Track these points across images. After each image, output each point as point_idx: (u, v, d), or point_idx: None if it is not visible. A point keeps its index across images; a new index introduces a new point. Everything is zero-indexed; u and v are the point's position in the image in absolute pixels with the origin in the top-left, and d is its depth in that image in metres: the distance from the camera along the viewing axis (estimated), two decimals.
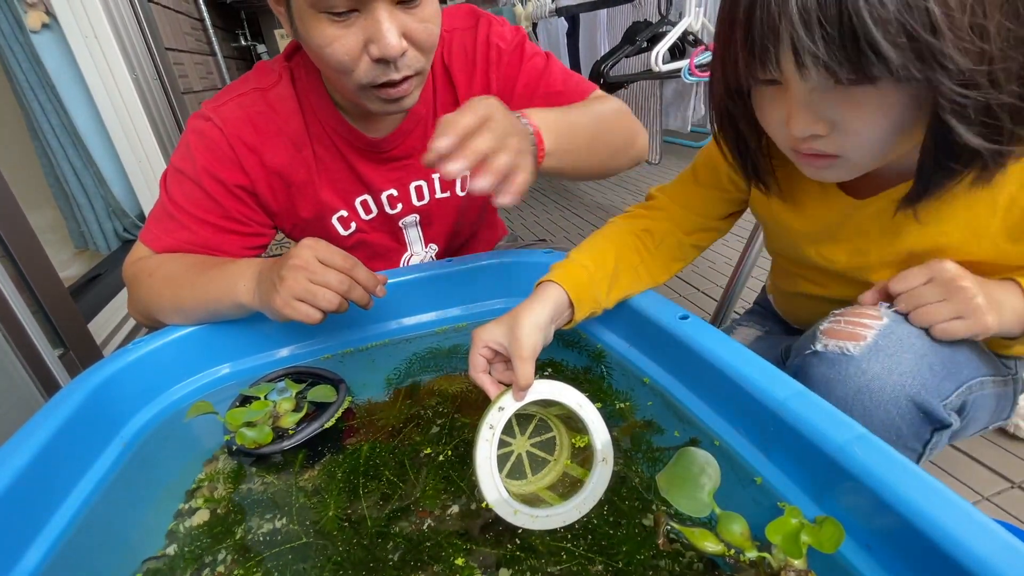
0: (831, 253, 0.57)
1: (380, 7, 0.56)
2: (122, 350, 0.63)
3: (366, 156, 0.76)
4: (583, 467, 0.49)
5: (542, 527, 0.44)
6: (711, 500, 0.40)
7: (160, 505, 0.54)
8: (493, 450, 0.46)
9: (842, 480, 0.39)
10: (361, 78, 0.60)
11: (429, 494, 0.51)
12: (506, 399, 0.49)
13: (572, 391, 0.50)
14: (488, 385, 0.52)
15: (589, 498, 0.46)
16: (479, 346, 0.52)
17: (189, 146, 0.69)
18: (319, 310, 0.57)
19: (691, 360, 0.54)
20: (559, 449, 0.52)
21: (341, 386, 0.64)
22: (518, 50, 0.77)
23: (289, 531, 0.49)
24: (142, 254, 0.69)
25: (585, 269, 0.59)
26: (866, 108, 0.40)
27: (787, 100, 0.43)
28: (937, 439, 0.51)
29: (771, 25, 0.38)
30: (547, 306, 0.54)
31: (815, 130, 0.43)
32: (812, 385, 0.50)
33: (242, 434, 0.55)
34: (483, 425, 0.47)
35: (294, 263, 0.57)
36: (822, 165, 0.47)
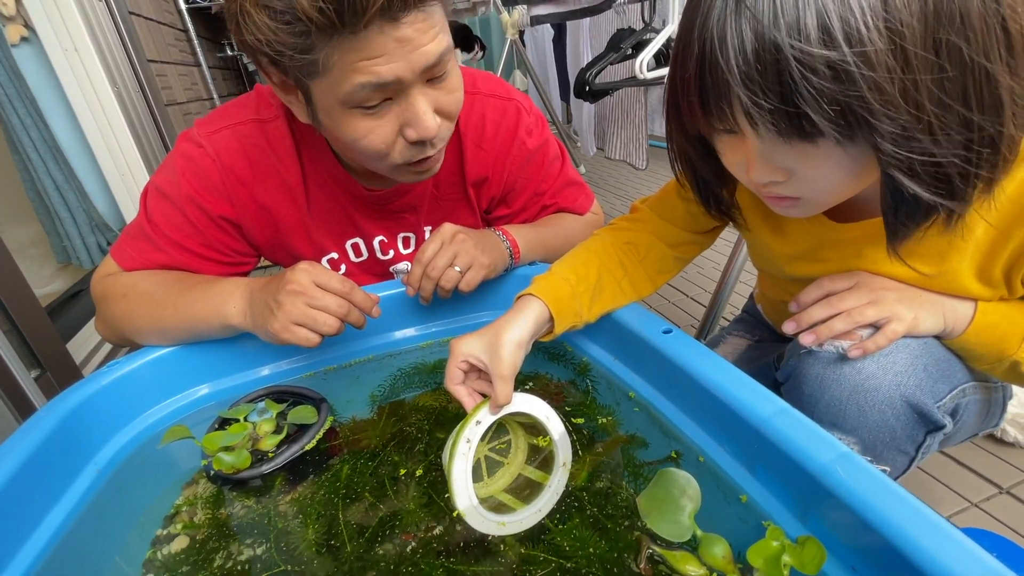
0: (814, 272, 0.57)
1: (414, 92, 0.54)
2: (96, 373, 0.61)
3: (362, 205, 0.76)
4: (541, 470, 0.51)
5: (507, 532, 0.46)
6: (692, 523, 0.39)
7: (137, 533, 0.52)
8: (469, 464, 0.46)
9: (826, 499, 0.38)
10: (396, 160, 0.60)
11: (412, 515, 0.50)
12: (482, 412, 0.49)
13: (541, 404, 0.52)
14: (464, 397, 0.52)
15: (549, 502, 0.48)
16: (457, 359, 0.52)
17: (175, 170, 0.67)
18: (318, 334, 0.56)
19: (675, 375, 0.53)
20: (513, 451, 0.54)
21: (323, 406, 0.63)
22: (540, 154, 0.81)
23: (269, 559, 0.48)
24: (111, 270, 0.67)
25: (567, 282, 0.59)
26: (817, 159, 0.41)
27: (745, 148, 0.43)
28: (930, 441, 0.50)
29: (721, 84, 0.38)
30: (528, 322, 0.54)
31: (773, 177, 0.43)
32: (807, 385, 0.50)
33: (220, 459, 0.54)
34: (460, 438, 0.46)
35: (292, 288, 0.56)
36: (787, 205, 0.47)
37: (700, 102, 0.41)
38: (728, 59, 0.36)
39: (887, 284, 0.50)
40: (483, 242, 0.70)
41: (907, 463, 0.52)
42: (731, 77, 0.37)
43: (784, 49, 0.34)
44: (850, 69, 0.34)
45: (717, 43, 0.37)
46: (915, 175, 0.38)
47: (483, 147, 0.77)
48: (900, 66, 0.34)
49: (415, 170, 0.63)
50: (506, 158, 0.78)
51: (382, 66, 0.50)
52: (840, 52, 0.34)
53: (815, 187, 0.43)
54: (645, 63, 1.30)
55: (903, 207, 0.41)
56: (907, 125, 0.35)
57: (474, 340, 0.52)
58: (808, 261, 0.58)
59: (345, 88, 0.51)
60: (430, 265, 0.65)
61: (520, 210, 0.84)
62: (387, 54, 0.49)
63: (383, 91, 0.52)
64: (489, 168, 0.78)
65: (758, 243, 0.64)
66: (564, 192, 0.85)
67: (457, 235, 0.67)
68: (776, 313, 0.79)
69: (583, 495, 0.50)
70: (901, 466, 0.52)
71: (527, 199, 0.83)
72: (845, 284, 0.51)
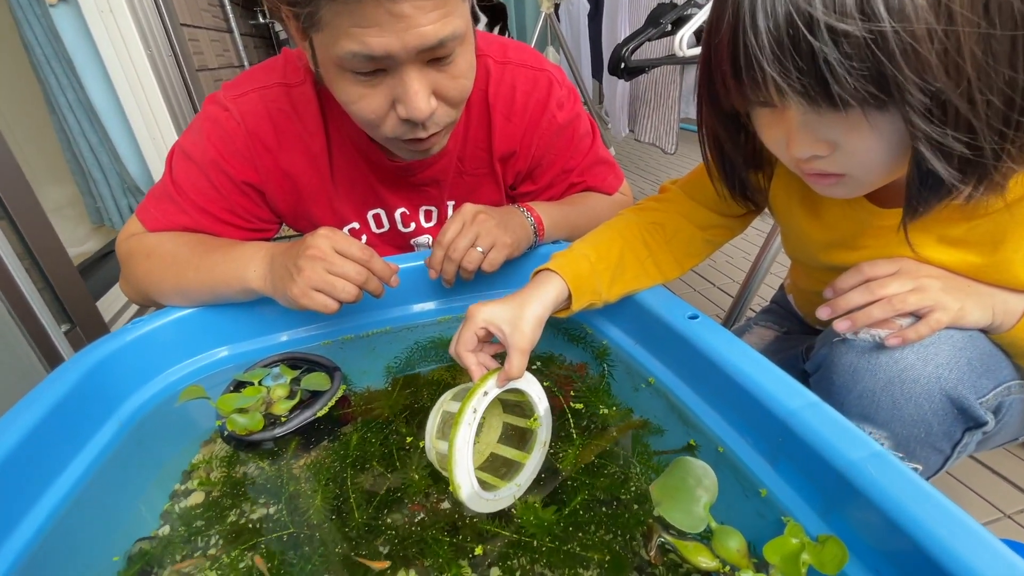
0: (850, 261, 0.54)
1: (409, 69, 0.52)
2: (120, 330, 0.62)
3: (384, 175, 0.74)
4: (519, 448, 0.51)
5: (490, 510, 0.46)
6: (707, 514, 0.38)
7: (157, 485, 0.53)
8: (472, 434, 0.45)
9: (852, 498, 0.36)
10: (387, 133, 0.58)
11: (416, 484, 0.50)
12: (489, 384, 0.48)
13: (537, 383, 0.52)
14: (473, 366, 0.50)
15: (528, 480, 0.48)
16: (477, 324, 0.50)
17: (202, 132, 0.67)
18: (336, 300, 0.56)
19: (699, 362, 0.51)
20: (486, 431, 0.54)
21: (336, 374, 0.63)
22: (570, 128, 0.78)
23: (279, 520, 0.48)
24: (136, 230, 0.68)
25: (586, 259, 0.57)
26: (862, 130, 0.38)
27: (785, 122, 0.42)
28: (968, 440, 0.48)
29: (752, 55, 0.37)
30: (548, 298, 0.53)
31: (815, 151, 0.41)
32: (838, 374, 0.48)
33: (233, 420, 0.54)
34: (466, 407, 0.46)
35: (312, 253, 0.56)
36: (829, 183, 0.45)
37: (732, 71, 0.39)
38: (758, 23, 0.35)
39: (933, 272, 0.47)
40: (506, 220, 0.68)
41: (941, 462, 0.49)
42: (760, 42, 0.35)
43: (816, 11, 0.33)
44: (884, 29, 0.32)
45: (747, 6, 0.36)
46: (943, 150, 0.36)
47: (512, 120, 0.74)
48: (943, 26, 0.32)
49: (411, 148, 0.61)
50: (535, 131, 0.75)
51: (373, 38, 0.47)
52: (876, 10, 0.32)
53: (860, 162, 0.41)
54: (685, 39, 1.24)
55: (929, 181, 0.38)
56: (942, 93, 0.33)
57: (497, 308, 0.51)
58: (845, 248, 0.55)
59: (336, 51, 0.49)
60: (451, 247, 0.64)
61: (546, 187, 0.81)
62: (379, 26, 0.47)
63: (374, 62, 0.50)
64: (517, 142, 0.76)
65: (792, 229, 0.60)
66: (593, 170, 0.82)
67: (478, 215, 0.66)
68: (808, 305, 0.76)
69: (591, 478, 0.49)
70: (934, 465, 0.49)
71: (554, 175, 0.80)
72: (887, 270, 0.48)
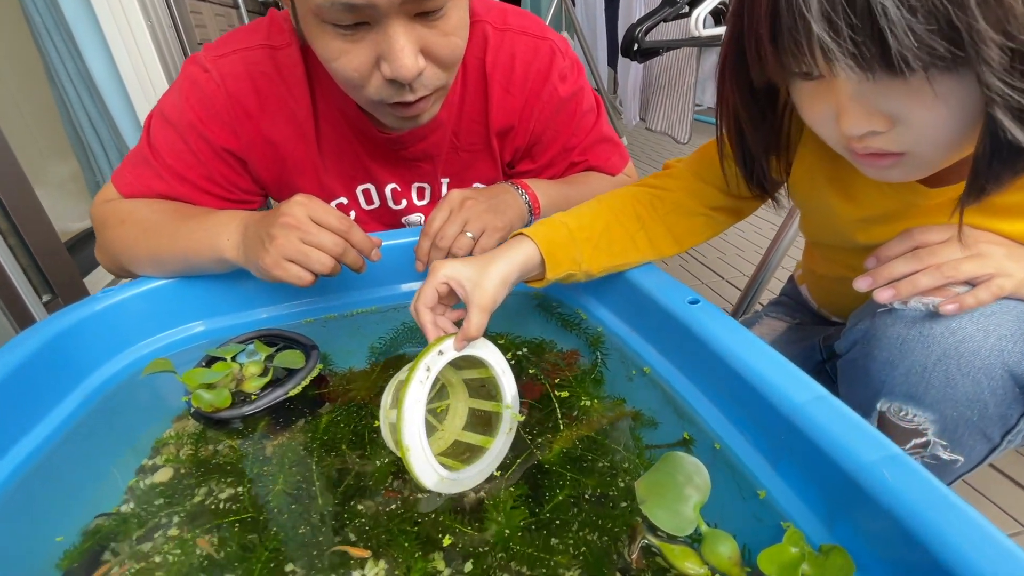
0: (882, 234, 0.49)
1: (394, 22, 0.47)
2: (89, 298, 0.59)
3: (374, 148, 0.70)
4: (484, 434, 0.48)
5: (445, 490, 0.43)
6: (696, 515, 0.34)
7: (124, 460, 0.51)
8: (424, 393, 0.42)
9: (863, 505, 0.32)
10: (372, 95, 0.54)
11: (384, 471, 0.47)
12: (446, 344, 0.45)
13: (500, 356, 0.49)
14: (429, 325, 0.48)
15: (491, 466, 0.45)
16: (438, 279, 0.48)
17: (181, 93, 0.63)
18: (311, 272, 0.53)
19: (698, 350, 0.47)
20: (451, 416, 0.51)
21: (313, 352, 0.59)
22: (573, 103, 0.73)
23: (241, 503, 0.45)
24: (111, 196, 0.65)
25: (565, 227, 0.54)
26: (925, 98, 0.33)
27: (835, 94, 0.36)
28: (1021, 427, 0.43)
29: (797, 13, 0.32)
30: (516, 260, 0.50)
31: (872, 126, 0.36)
32: (883, 349, 0.43)
33: (199, 396, 0.51)
34: (419, 365, 0.43)
35: (286, 221, 0.52)
36: (885, 165, 0.39)
37: (771, 36, 0.35)
38: None
39: (993, 238, 0.42)
40: (496, 203, 0.64)
41: (985, 453, 0.44)
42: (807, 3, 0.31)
43: None
44: None
45: None
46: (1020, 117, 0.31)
47: (511, 92, 0.70)
48: None
49: (397, 114, 0.57)
50: (535, 105, 0.71)
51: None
52: None
53: (924, 137, 0.36)
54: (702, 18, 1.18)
55: (1003, 154, 0.33)
56: None
57: (460, 265, 0.48)
58: (884, 225, 0.50)
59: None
60: (439, 236, 0.60)
61: (546, 165, 0.77)
62: None
63: (355, 13, 0.46)
64: (516, 116, 0.71)
65: (818, 211, 0.55)
66: (596, 149, 0.78)
67: (466, 201, 0.62)
68: (825, 293, 0.70)
69: (577, 472, 0.45)
70: (977, 456, 0.45)
71: (555, 154, 0.76)
72: (939, 236, 0.42)
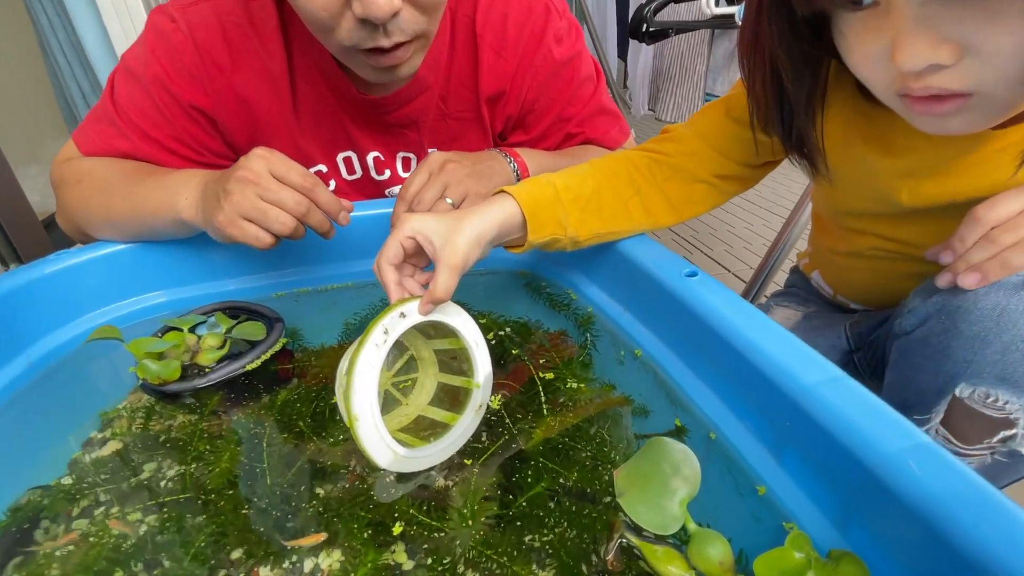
0: (929, 191, 0.44)
1: None
2: (37, 261, 0.55)
3: (355, 111, 0.65)
4: (451, 410, 0.44)
5: (398, 468, 0.38)
6: (684, 512, 0.29)
7: (71, 432, 0.47)
8: (380, 359, 0.37)
9: (883, 504, 0.27)
10: (343, 39, 0.49)
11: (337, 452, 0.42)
12: (409, 307, 0.40)
13: (474, 326, 0.44)
14: (392, 284, 0.42)
15: (454, 445, 0.41)
16: (404, 233, 0.42)
17: (146, 45, 0.59)
18: (270, 233, 0.48)
19: (695, 328, 0.42)
20: (417, 391, 0.47)
21: (277, 325, 0.55)
22: (569, 68, 0.68)
23: (184, 482, 0.41)
24: (71, 154, 0.61)
25: (552, 186, 0.49)
26: (1006, 20, 0.28)
27: (891, 23, 0.31)
28: None
29: None
30: (495, 218, 0.45)
31: (936, 58, 0.30)
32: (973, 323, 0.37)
33: (145, 367, 0.47)
34: (375, 327, 0.37)
35: (243, 175, 0.47)
36: (947, 111, 0.33)
37: None
38: None
39: None
40: (480, 169, 0.59)
41: None
42: None
43: None
44: None
45: None
46: None
47: (503, 54, 0.65)
48: None
49: (372, 63, 0.52)
50: (528, 68, 0.66)
51: None
52: None
53: (999, 72, 0.30)
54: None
55: None
56: None
57: (429, 218, 0.43)
58: (934, 177, 0.44)
59: None
60: (415, 200, 0.55)
61: (540, 137, 0.72)
62: None
63: None
64: (508, 80, 0.66)
65: (852, 170, 0.49)
66: (594, 120, 0.72)
67: (447, 164, 0.57)
68: (841, 274, 0.64)
69: (555, 461, 0.40)
70: None
71: (549, 124, 0.71)
72: (1013, 206, 0.35)
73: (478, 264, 0.70)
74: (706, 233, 1.64)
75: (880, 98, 0.38)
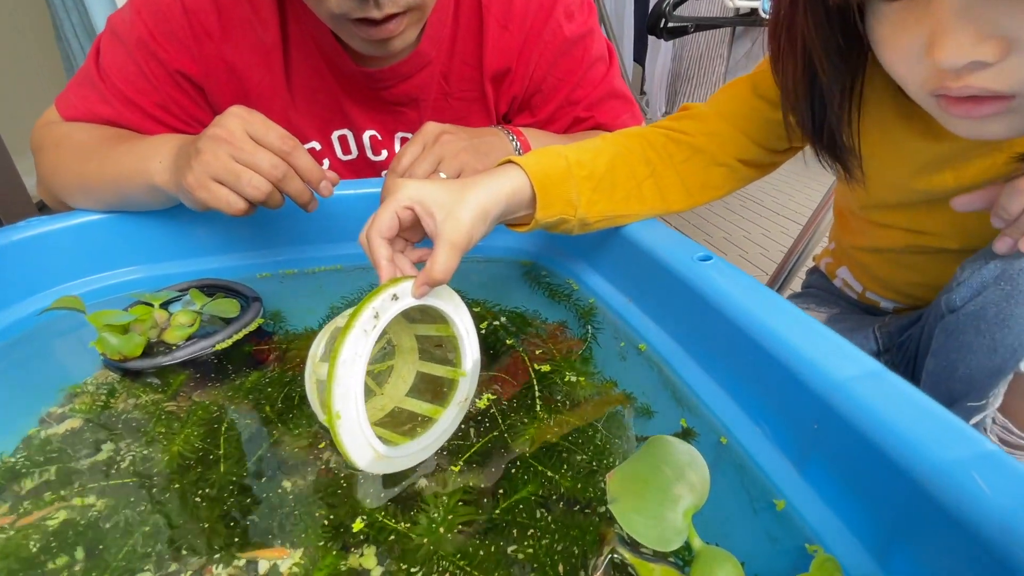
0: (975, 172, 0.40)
1: None
2: (5, 227, 0.52)
3: (351, 86, 0.61)
4: (432, 403, 0.40)
5: (379, 470, 0.34)
6: (688, 525, 0.24)
7: (29, 406, 0.43)
8: (368, 347, 0.32)
9: (938, 528, 0.22)
10: (333, 7, 0.46)
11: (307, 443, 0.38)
12: (403, 287, 0.35)
13: (466, 312, 0.40)
14: (384, 260, 0.37)
15: (437, 442, 0.37)
16: (400, 202, 0.37)
17: (132, 6, 0.56)
18: (243, 198, 0.44)
19: (707, 318, 0.37)
20: (394, 380, 0.43)
21: (254, 304, 0.51)
22: (579, 47, 0.64)
23: (134, 466, 0.37)
24: (52, 119, 0.58)
25: (564, 159, 0.44)
26: None
27: (931, 14, 0.29)
28: None
29: None
30: (502, 191, 0.40)
31: (979, 54, 0.28)
32: None
33: (104, 341, 0.43)
34: (364, 310, 0.32)
35: (216, 132, 0.44)
36: (986, 113, 0.31)
37: None
38: None
39: None
40: (479, 144, 0.55)
41: None
42: None
43: None
44: None
45: None
46: None
47: (509, 28, 0.61)
48: None
49: (363, 34, 0.49)
50: (535, 45, 0.62)
51: None
52: None
53: None
54: None
55: None
56: None
57: (430, 187, 0.37)
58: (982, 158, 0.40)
59: None
60: (407, 174, 0.51)
61: (546, 120, 0.68)
62: None
63: None
64: (514, 57, 0.62)
65: (889, 156, 0.45)
66: (605, 105, 0.68)
67: (443, 135, 0.53)
68: (869, 270, 0.59)
69: (546, 464, 0.36)
70: None
71: (556, 106, 0.66)
72: None
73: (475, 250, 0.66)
74: (720, 238, 1.59)
75: (914, 98, 0.35)
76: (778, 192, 1.95)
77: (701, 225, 1.69)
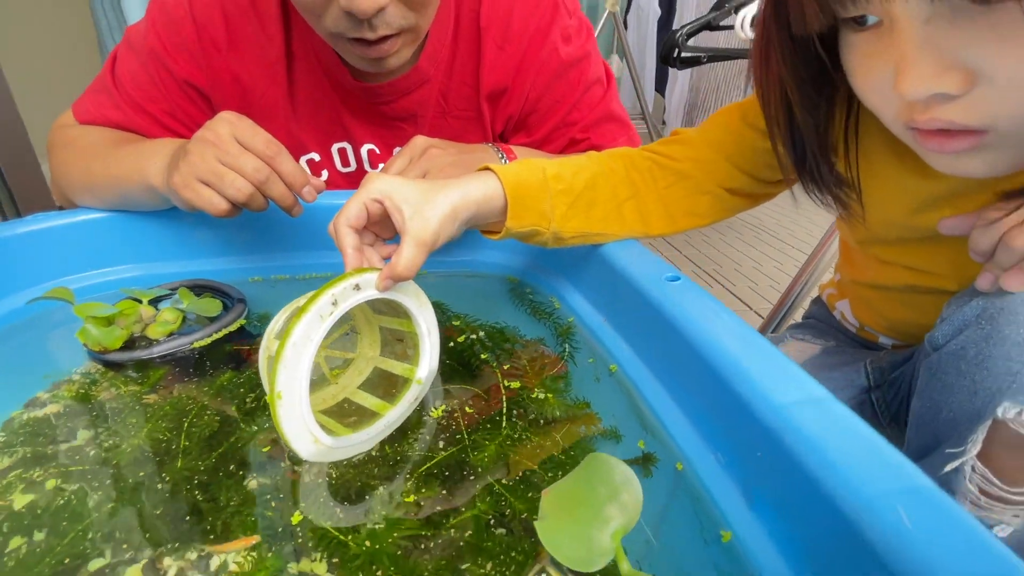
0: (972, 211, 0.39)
1: None
2: (11, 221, 0.55)
3: (351, 100, 0.64)
4: (383, 398, 0.40)
5: (318, 458, 0.35)
6: (616, 547, 0.23)
7: (16, 391, 0.45)
8: (321, 333, 0.32)
9: (865, 564, 0.20)
10: (329, 26, 0.48)
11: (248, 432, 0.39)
12: (366, 278, 0.36)
13: (431, 311, 0.40)
14: (350, 249, 0.38)
15: (380, 434, 0.37)
16: (370, 194, 0.38)
17: (148, 19, 0.60)
18: (225, 199, 0.46)
19: (669, 338, 0.37)
20: (351, 372, 0.43)
21: (237, 305, 0.52)
22: (576, 70, 0.65)
23: (99, 455, 0.38)
24: (67, 122, 0.61)
25: (542, 171, 0.44)
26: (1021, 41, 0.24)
27: (894, 45, 0.28)
28: None
29: None
30: (473, 194, 0.40)
31: (941, 86, 0.27)
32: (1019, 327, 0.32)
33: (85, 331, 0.44)
34: (323, 294, 0.33)
35: (204, 135, 0.46)
36: (958, 148, 0.30)
37: None
38: None
39: None
40: (466, 159, 0.56)
41: None
42: None
43: None
44: None
45: None
46: None
47: (505, 48, 0.62)
48: None
49: (358, 52, 0.50)
50: (532, 64, 0.63)
51: None
52: None
53: (1019, 107, 0.26)
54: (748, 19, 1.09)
55: None
56: None
57: (401, 183, 0.38)
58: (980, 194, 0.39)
59: None
60: None
61: (542, 141, 0.68)
62: None
63: None
64: (510, 76, 0.64)
65: (881, 192, 0.44)
66: (601, 127, 0.68)
67: (430, 149, 0.54)
68: (869, 305, 0.57)
69: (500, 484, 0.35)
70: None
71: (552, 127, 0.67)
72: None
73: (463, 265, 0.66)
74: (731, 268, 1.57)
75: (891, 129, 0.34)
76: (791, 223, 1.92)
77: (712, 255, 1.67)
